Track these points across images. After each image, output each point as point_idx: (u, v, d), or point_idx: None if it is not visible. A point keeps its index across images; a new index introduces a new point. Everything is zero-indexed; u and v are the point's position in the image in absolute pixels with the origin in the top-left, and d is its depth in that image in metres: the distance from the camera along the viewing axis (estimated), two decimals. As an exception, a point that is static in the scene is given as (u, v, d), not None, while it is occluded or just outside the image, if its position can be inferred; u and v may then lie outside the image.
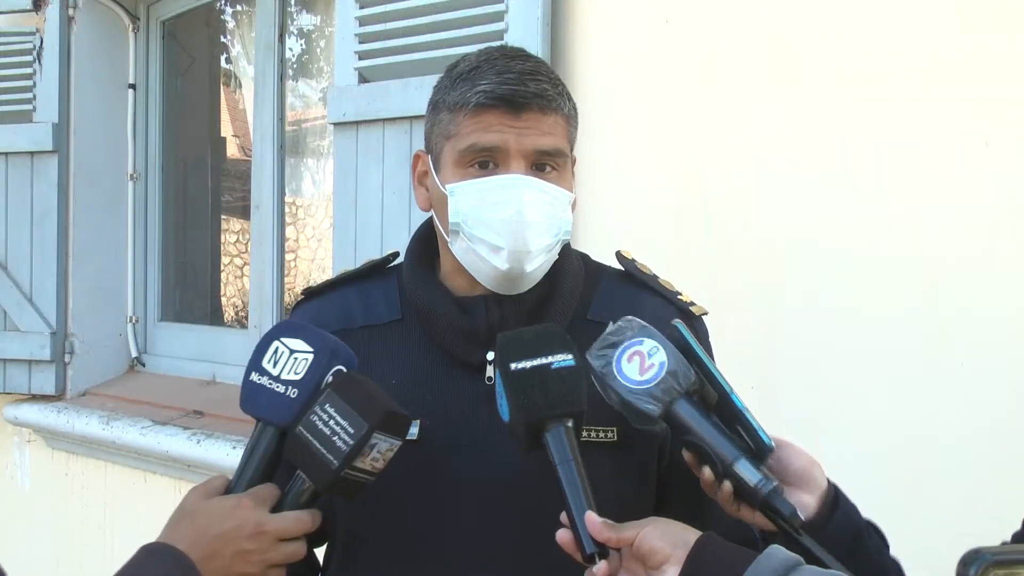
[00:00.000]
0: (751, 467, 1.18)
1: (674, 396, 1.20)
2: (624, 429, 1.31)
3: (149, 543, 1.16)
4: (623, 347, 1.23)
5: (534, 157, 1.30)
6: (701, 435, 1.20)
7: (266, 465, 1.23)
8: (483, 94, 1.28)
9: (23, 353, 3.95)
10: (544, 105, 1.29)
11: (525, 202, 1.28)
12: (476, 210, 1.29)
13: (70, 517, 3.98)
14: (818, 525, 1.19)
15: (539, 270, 1.33)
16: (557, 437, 1.16)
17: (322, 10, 4.33)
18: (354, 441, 1.15)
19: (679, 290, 1.45)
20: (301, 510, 1.20)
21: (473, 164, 1.31)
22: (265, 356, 1.25)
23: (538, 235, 1.29)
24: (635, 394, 1.20)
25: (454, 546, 1.30)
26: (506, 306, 1.34)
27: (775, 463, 1.23)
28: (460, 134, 1.31)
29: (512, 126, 1.28)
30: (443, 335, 1.35)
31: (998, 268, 1.98)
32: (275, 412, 1.23)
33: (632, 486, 1.34)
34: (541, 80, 1.30)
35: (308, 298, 1.48)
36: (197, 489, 1.23)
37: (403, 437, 1.21)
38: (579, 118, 1.39)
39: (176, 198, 4.34)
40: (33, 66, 3.97)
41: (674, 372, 1.20)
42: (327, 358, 1.24)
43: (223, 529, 1.16)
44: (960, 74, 2.02)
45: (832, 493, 1.24)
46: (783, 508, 1.16)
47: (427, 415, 1.32)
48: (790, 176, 2.25)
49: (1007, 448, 1.95)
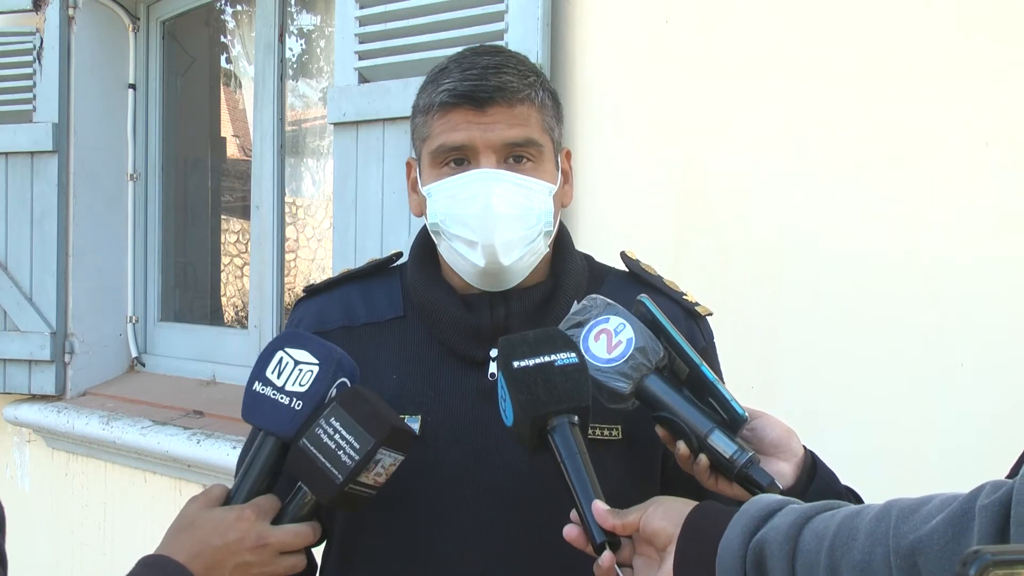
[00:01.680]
0: (726, 439, 1.18)
1: (644, 372, 1.20)
2: (628, 427, 1.31)
3: (147, 555, 1.15)
4: (589, 326, 1.22)
5: (506, 150, 1.30)
6: (674, 409, 1.20)
7: (267, 476, 1.23)
8: (447, 93, 1.29)
9: (23, 353, 3.95)
10: (509, 97, 1.29)
11: (494, 194, 1.28)
12: (450, 208, 1.30)
13: (70, 517, 3.98)
14: (797, 494, 1.18)
15: (522, 264, 1.32)
16: (563, 432, 1.15)
17: (322, 10, 4.32)
18: (360, 456, 1.15)
19: (684, 290, 1.45)
20: (303, 523, 1.20)
21: (448, 163, 1.32)
22: (269, 366, 1.25)
23: (509, 227, 1.29)
24: (604, 372, 1.20)
25: (455, 541, 1.30)
26: (511, 303, 1.34)
27: (750, 434, 1.22)
28: (432, 135, 1.32)
29: (478, 122, 1.29)
30: (446, 331, 1.35)
31: (998, 268, 1.98)
32: (279, 424, 1.22)
33: (636, 484, 1.33)
34: (505, 73, 1.30)
35: (310, 295, 1.48)
36: (197, 499, 1.23)
37: (406, 452, 1.21)
38: (579, 117, 1.39)
39: (176, 198, 4.34)
40: (33, 66, 3.97)
41: (642, 348, 1.20)
42: (332, 371, 1.24)
43: (225, 541, 1.15)
44: (960, 74, 2.02)
45: (810, 461, 1.23)
46: (760, 478, 1.16)
47: (428, 411, 1.32)
48: (790, 176, 2.24)
49: (1007, 448, 1.94)
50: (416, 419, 1.32)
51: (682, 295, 1.44)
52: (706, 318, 1.44)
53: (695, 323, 1.42)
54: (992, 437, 1.97)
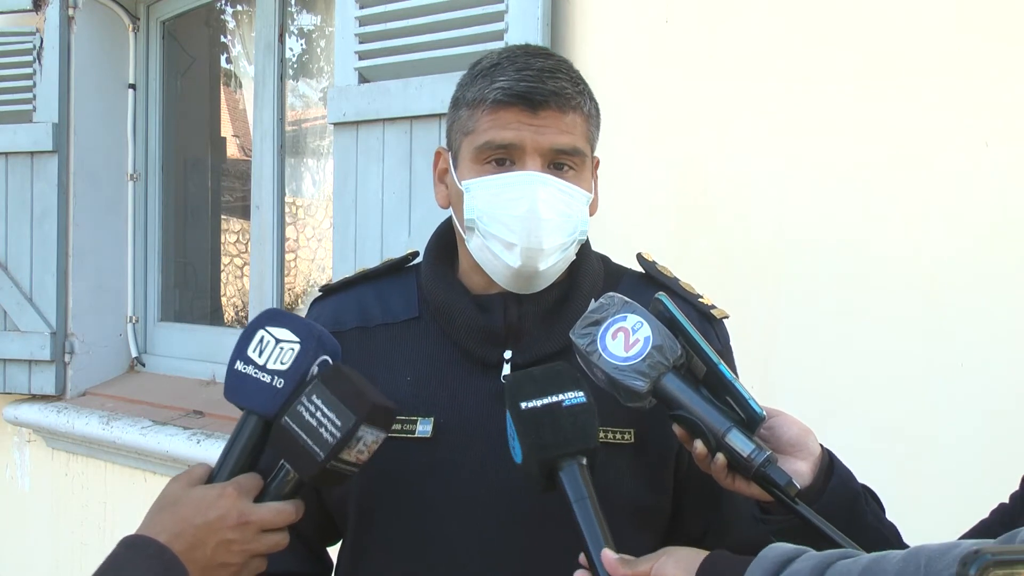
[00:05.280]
0: (743, 438, 1.17)
1: (661, 371, 1.19)
2: (641, 431, 1.31)
3: (128, 535, 1.14)
4: (607, 324, 1.21)
5: (551, 155, 1.29)
6: (691, 408, 1.19)
7: (249, 454, 1.23)
8: (501, 91, 1.27)
9: (23, 353, 3.95)
10: (562, 103, 1.29)
11: (539, 199, 1.27)
12: (491, 206, 1.29)
13: (70, 517, 3.98)
14: (814, 493, 1.18)
15: (554, 269, 1.32)
16: (571, 475, 1.15)
17: (322, 10, 4.32)
18: (341, 433, 1.15)
19: (700, 293, 1.44)
20: (284, 501, 1.20)
21: (490, 161, 1.30)
22: (250, 345, 1.24)
23: (551, 233, 1.28)
24: (621, 371, 1.19)
25: (467, 544, 1.30)
26: (524, 305, 1.34)
27: (768, 433, 1.22)
28: (478, 130, 1.30)
29: (529, 123, 1.28)
30: (460, 333, 1.35)
31: (998, 268, 1.98)
32: (261, 402, 1.22)
33: (648, 488, 1.33)
34: (560, 78, 1.29)
35: (326, 295, 1.48)
36: (179, 478, 1.22)
37: (388, 429, 1.21)
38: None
39: (176, 198, 4.34)
40: (33, 66, 3.97)
41: (660, 346, 1.19)
42: (314, 348, 1.23)
43: (207, 519, 1.15)
44: (960, 74, 2.02)
45: (827, 460, 1.23)
46: (778, 478, 1.15)
47: (442, 413, 1.32)
48: (790, 176, 2.25)
49: (1007, 448, 1.94)
50: (429, 421, 1.31)
51: (698, 297, 1.43)
52: (722, 321, 1.43)
53: (710, 326, 1.41)
54: (992, 437, 1.97)
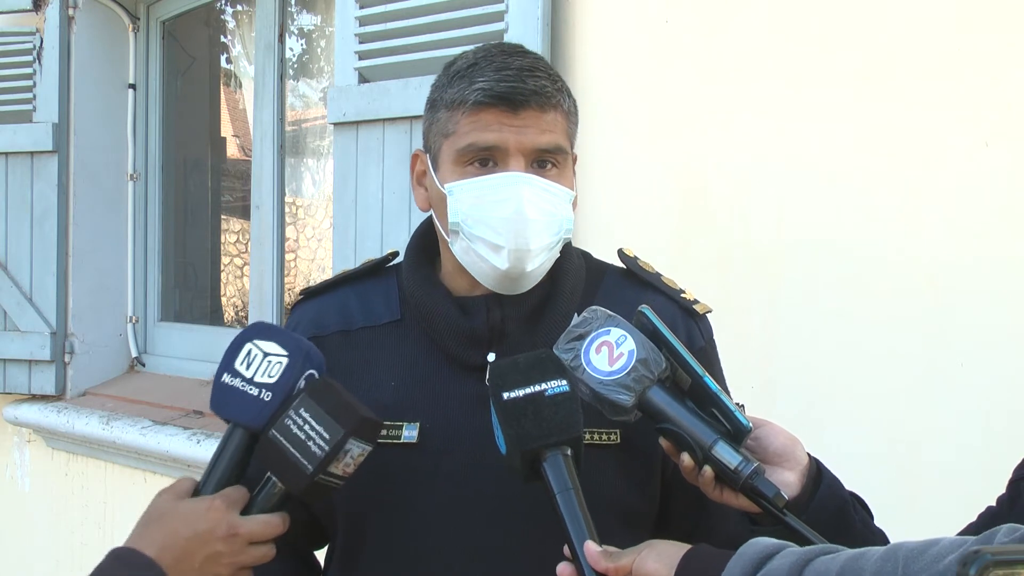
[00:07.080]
0: (730, 450, 1.16)
1: (646, 384, 1.19)
2: (627, 432, 1.30)
3: (117, 547, 1.15)
4: (590, 338, 1.21)
5: (534, 155, 1.29)
6: (677, 421, 1.18)
7: (235, 467, 1.23)
8: (481, 92, 1.26)
9: (23, 353, 3.95)
10: (543, 102, 1.28)
11: (525, 200, 1.27)
12: (476, 209, 1.28)
13: (70, 517, 3.98)
14: (802, 503, 1.18)
15: (540, 269, 1.31)
16: (555, 465, 1.14)
17: (322, 10, 4.32)
18: (329, 447, 1.15)
19: (682, 288, 1.43)
20: (272, 514, 1.20)
21: (472, 163, 1.29)
22: (238, 358, 1.25)
23: (538, 233, 1.28)
24: (606, 385, 1.18)
25: (454, 547, 1.29)
26: (507, 307, 1.33)
27: (754, 443, 1.21)
28: (458, 132, 1.29)
29: (510, 124, 1.27)
30: (443, 336, 1.34)
31: (998, 268, 1.98)
32: (248, 415, 1.22)
33: (635, 489, 1.33)
34: (540, 77, 1.29)
35: (307, 298, 1.47)
36: (166, 491, 1.22)
37: (375, 442, 1.21)
38: (579, 118, 1.38)
39: (176, 198, 4.34)
40: (33, 66, 3.97)
41: (644, 360, 1.18)
42: (301, 362, 1.24)
43: (196, 531, 1.15)
44: (960, 74, 2.02)
45: (814, 468, 1.22)
46: (766, 489, 1.15)
47: (426, 417, 1.31)
48: (790, 176, 2.24)
49: (1007, 448, 1.94)
50: (415, 426, 1.31)
51: (680, 292, 1.42)
52: (705, 316, 1.42)
53: (693, 321, 1.40)
54: (992, 437, 1.97)
